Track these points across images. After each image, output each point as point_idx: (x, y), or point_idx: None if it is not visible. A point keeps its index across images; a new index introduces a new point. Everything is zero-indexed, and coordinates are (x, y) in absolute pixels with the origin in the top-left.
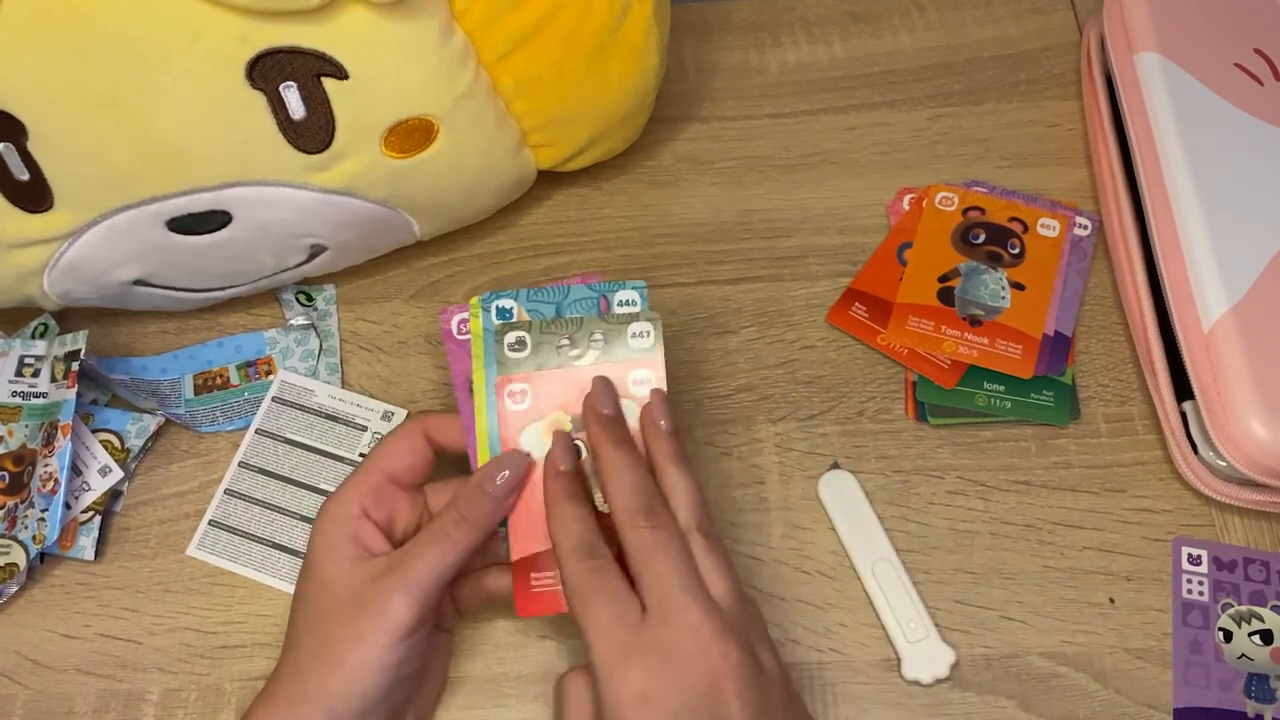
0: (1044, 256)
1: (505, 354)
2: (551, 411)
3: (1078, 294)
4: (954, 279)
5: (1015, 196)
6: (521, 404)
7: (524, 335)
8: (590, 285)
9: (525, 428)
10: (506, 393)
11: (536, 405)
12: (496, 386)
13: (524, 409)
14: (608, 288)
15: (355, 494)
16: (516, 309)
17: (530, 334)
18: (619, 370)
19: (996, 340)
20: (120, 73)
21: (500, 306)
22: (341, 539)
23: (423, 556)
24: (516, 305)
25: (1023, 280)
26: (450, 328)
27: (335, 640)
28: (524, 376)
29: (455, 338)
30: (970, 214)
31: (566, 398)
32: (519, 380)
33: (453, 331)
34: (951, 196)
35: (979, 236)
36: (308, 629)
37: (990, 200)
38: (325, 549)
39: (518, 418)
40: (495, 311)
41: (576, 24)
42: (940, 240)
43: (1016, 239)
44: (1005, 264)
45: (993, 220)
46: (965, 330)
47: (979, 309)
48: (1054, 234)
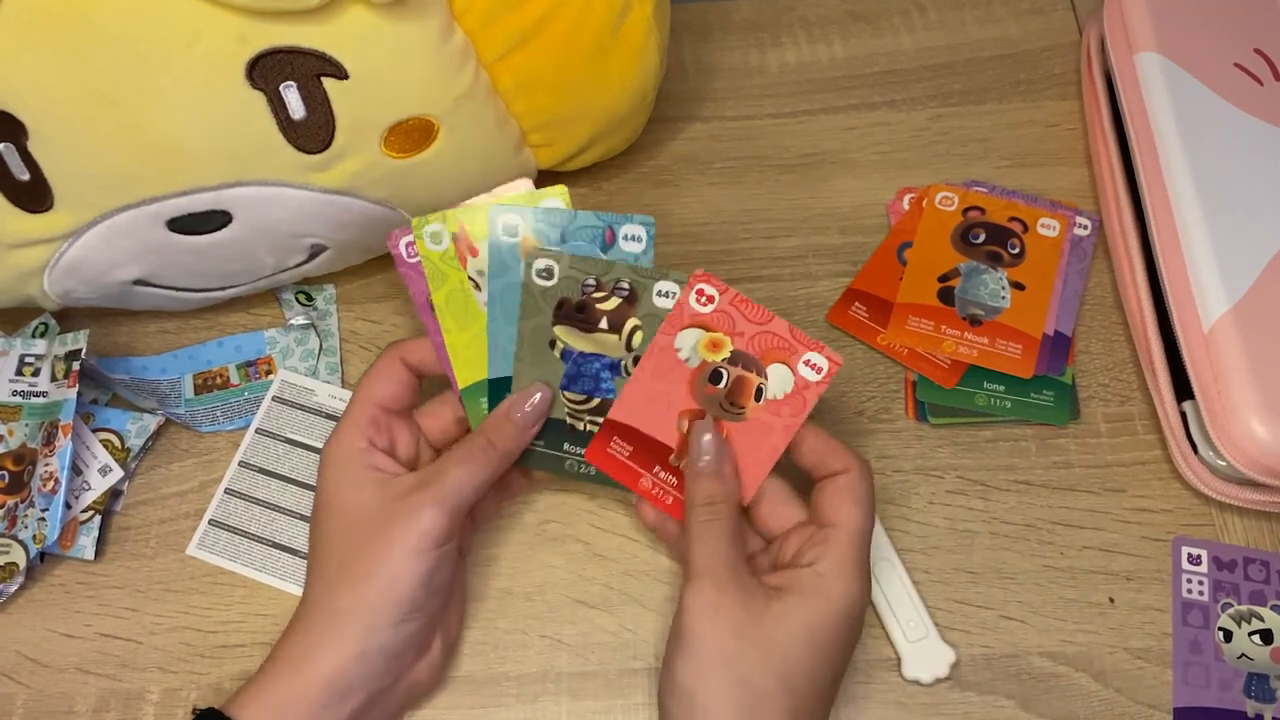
0: (1044, 256)
1: (532, 279)
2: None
3: (1078, 293)
4: (954, 279)
5: (1015, 196)
6: (706, 306)
7: (553, 265)
8: (598, 214)
9: (682, 331)
10: (696, 290)
11: (711, 318)
12: (690, 282)
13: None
14: (614, 219)
15: (355, 429)
16: (523, 226)
17: (559, 265)
18: None
19: (996, 340)
20: (120, 73)
21: (506, 222)
22: (356, 469)
23: (451, 473)
24: (523, 223)
25: (1023, 280)
26: (400, 252)
27: (366, 554)
28: (719, 284)
29: (406, 261)
30: (970, 214)
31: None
32: (714, 284)
33: (403, 255)
34: (951, 196)
35: (979, 236)
36: (333, 551)
37: (990, 200)
38: (341, 482)
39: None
40: (501, 227)
41: (576, 24)
42: (940, 240)
43: (1016, 239)
44: (1005, 264)
45: (993, 220)
46: (965, 330)
47: (979, 309)
48: (1054, 234)
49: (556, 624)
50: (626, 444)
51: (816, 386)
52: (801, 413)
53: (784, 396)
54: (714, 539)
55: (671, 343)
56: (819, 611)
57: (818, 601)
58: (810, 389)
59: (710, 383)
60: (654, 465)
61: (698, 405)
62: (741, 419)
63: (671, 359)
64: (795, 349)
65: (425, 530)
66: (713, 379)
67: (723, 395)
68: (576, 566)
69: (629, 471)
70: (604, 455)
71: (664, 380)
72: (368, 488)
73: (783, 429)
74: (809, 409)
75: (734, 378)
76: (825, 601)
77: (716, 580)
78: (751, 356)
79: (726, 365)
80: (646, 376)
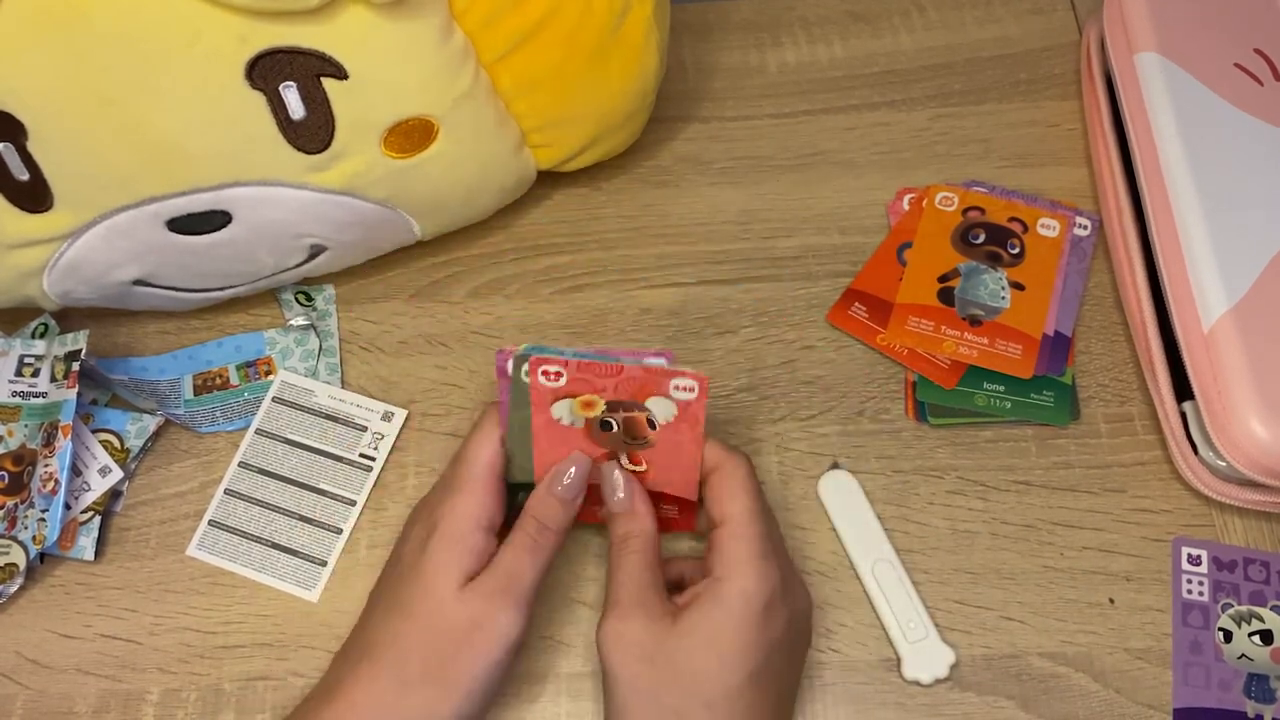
0: (1044, 256)
1: (520, 378)
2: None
3: (1077, 294)
4: (954, 279)
5: (1015, 196)
6: (556, 382)
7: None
8: (644, 362)
9: (556, 402)
10: (540, 371)
11: (569, 387)
12: (530, 365)
13: (558, 386)
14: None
15: (478, 505)
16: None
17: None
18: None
19: (996, 340)
20: (120, 73)
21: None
22: (462, 554)
23: (525, 574)
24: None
25: (1023, 280)
26: (506, 367)
27: (452, 663)
28: (560, 361)
29: (508, 375)
30: (970, 214)
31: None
32: (554, 363)
33: (507, 370)
34: (951, 196)
35: (979, 236)
36: (414, 645)
37: (990, 200)
38: (445, 565)
39: (551, 392)
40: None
41: (577, 24)
42: (940, 240)
43: (1016, 239)
44: (1005, 264)
45: (992, 220)
46: (965, 330)
47: (979, 309)
48: (1054, 234)
49: (556, 624)
50: None
51: (697, 404)
52: (697, 426)
53: (674, 419)
54: (625, 571)
55: (550, 416)
56: (715, 618)
57: (713, 608)
58: (693, 406)
59: (603, 431)
60: (597, 504)
61: (605, 450)
62: (650, 445)
63: (559, 429)
64: (660, 381)
65: (508, 639)
66: (603, 428)
67: (621, 436)
68: (576, 567)
69: (588, 513)
70: None
71: (563, 447)
72: (460, 580)
73: (691, 439)
74: (701, 423)
75: (622, 420)
76: (720, 606)
77: (620, 609)
78: (627, 401)
79: (609, 415)
80: (545, 452)
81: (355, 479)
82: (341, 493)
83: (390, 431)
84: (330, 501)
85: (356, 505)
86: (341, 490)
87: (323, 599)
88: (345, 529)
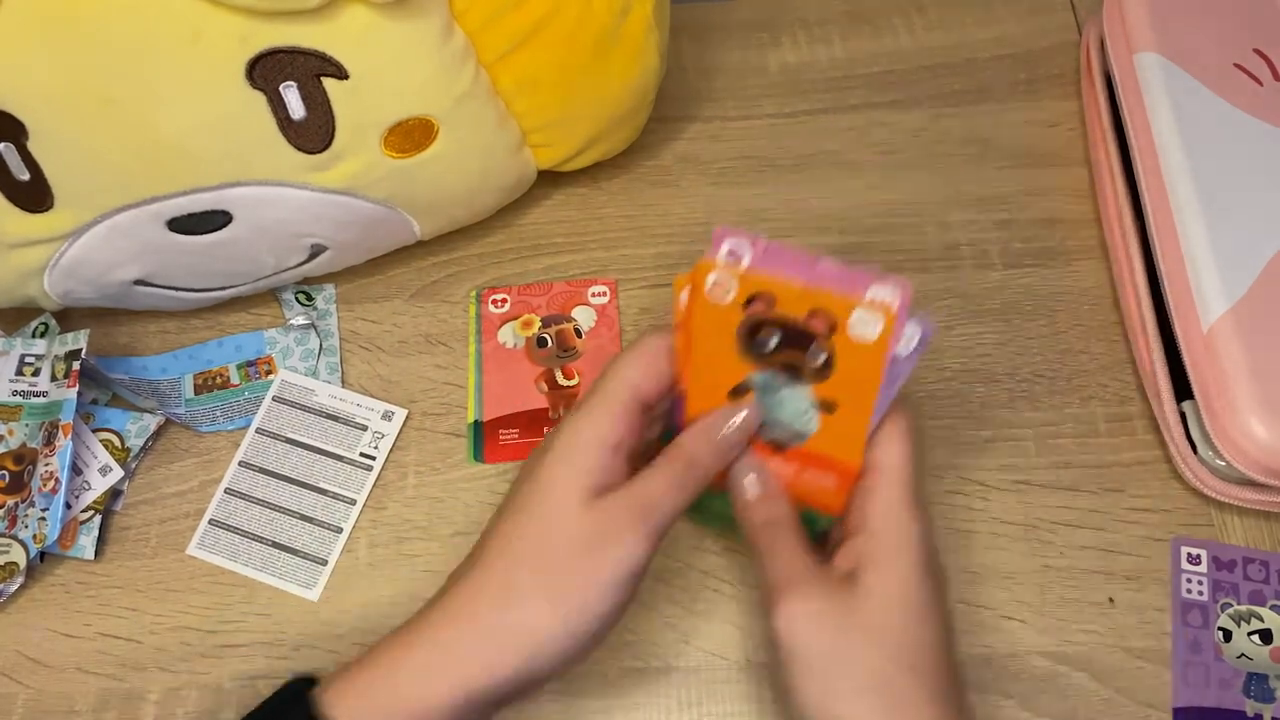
0: (860, 368)
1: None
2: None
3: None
4: (747, 393)
5: (823, 269)
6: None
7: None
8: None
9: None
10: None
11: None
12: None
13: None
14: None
15: (609, 420)
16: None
17: None
18: None
19: (806, 469)
20: (120, 73)
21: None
22: (588, 469)
23: (663, 502)
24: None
25: (834, 398)
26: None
27: (566, 579)
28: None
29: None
30: (753, 306)
31: None
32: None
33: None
34: (727, 281)
35: (770, 340)
36: (527, 551)
37: (782, 286)
38: (567, 477)
39: None
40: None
41: (577, 24)
42: (722, 342)
43: (820, 342)
44: (809, 377)
45: (785, 316)
46: (769, 455)
47: (781, 432)
48: (873, 335)
49: None
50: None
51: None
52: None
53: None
54: (784, 552)
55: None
56: (900, 572)
57: (895, 562)
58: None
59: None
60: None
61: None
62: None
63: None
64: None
65: (633, 564)
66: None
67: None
68: None
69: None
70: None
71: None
72: (585, 495)
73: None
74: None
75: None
76: (901, 559)
77: (796, 588)
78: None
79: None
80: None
81: (355, 478)
82: (342, 492)
83: (390, 431)
84: (330, 500)
85: (357, 504)
86: (342, 489)
87: (323, 598)
88: (346, 528)
